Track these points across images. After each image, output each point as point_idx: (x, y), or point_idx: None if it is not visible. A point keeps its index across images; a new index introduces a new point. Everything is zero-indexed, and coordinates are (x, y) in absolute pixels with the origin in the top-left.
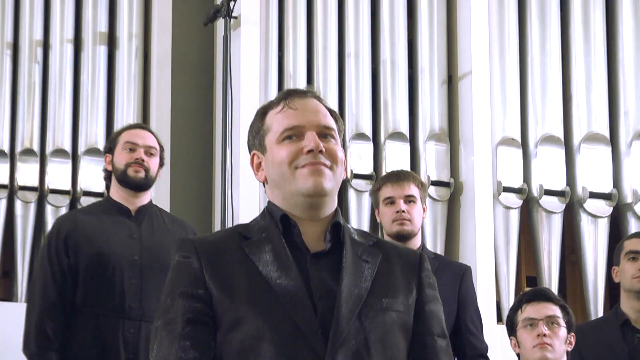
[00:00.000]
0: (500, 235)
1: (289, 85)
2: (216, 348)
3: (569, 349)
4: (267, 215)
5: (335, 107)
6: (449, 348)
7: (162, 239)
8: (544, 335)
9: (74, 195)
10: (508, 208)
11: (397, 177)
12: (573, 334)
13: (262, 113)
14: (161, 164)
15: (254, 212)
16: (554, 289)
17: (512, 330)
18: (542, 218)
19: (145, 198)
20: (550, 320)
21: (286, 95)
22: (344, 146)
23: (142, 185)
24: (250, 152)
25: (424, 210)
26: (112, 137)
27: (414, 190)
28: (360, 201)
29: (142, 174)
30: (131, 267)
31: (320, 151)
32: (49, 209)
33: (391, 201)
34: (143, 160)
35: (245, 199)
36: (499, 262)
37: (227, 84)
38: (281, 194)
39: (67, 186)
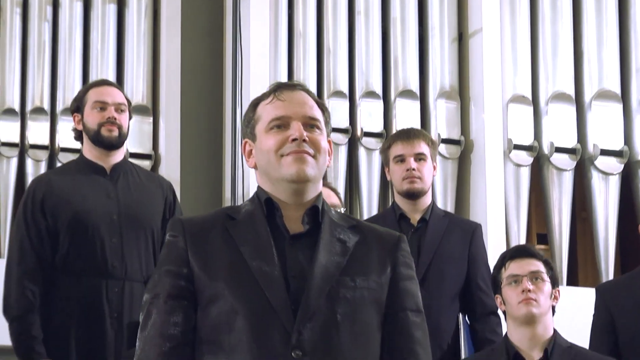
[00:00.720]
0: (511, 193)
1: (298, 44)
2: (196, 321)
3: (555, 304)
4: (255, 198)
5: (345, 65)
6: (424, 323)
7: (139, 196)
8: (529, 290)
9: None
10: (518, 166)
11: (407, 135)
12: (558, 288)
13: (255, 104)
14: (130, 117)
15: None
16: (565, 247)
17: (497, 289)
18: (553, 175)
19: (119, 155)
20: (534, 276)
21: (276, 88)
22: (353, 104)
23: (116, 143)
24: (242, 140)
25: (434, 168)
26: (78, 96)
27: (424, 148)
28: (371, 159)
29: (115, 133)
30: (110, 226)
31: (305, 140)
32: None
33: (401, 159)
34: (115, 119)
35: None
36: (509, 219)
37: (237, 42)
38: (268, 179)
39: (78, 144)
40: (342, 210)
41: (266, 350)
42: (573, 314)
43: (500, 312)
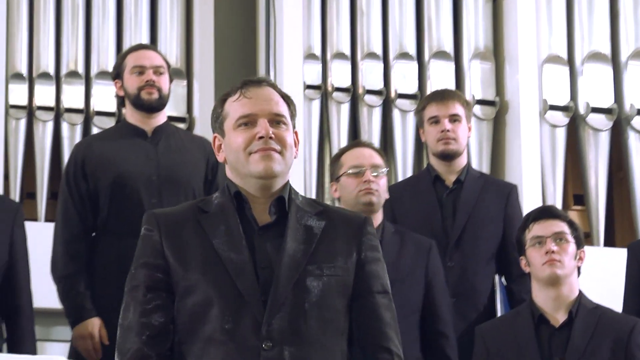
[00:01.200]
0: (547, 154)
1: (332, 6)
2: (174, 312)
3: (580, 265)
4: (225, 191)
5: (378, 27)
6: (391, 303)
7: (180, 157)
8: (553, 251)
9: (119, 117)
10: (554, 126)
11: (442, 96)
12: (583, 249)
13: (222, 100)
14: (171, 80)
15: (298, 129)
16: (601, 207)
17: (521, 250)
18: (589, 136)
19: (160, 118)
20: (558, 237)
21: (242, 85)
22: (387, 66)
23: (157, 106)
24: (213, 134)
25: (469, 129)
26: (117, 63)
27: (458, 109)
28: (405, 121)
29: (155, 95)
30: (149, 187)
31: (271, 137)
32: (94, 131)
33: (436, 120)
34: (154, 82)
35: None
36: (545, 180)
37: (270, 4)
38: (237, 174)
39: (113, 108)
40: (386, 170)
41: (238, 341)
42: (610, 275)
43: None
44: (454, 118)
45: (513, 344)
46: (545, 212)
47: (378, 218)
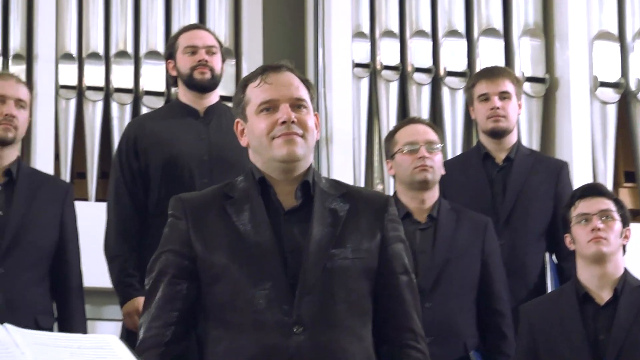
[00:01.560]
0: (597, 131)
1: None
2: (200, 299)
3: (625, 243)
4: (249, 175)
5: (427, 4)
6: (412, 282)
7: (231, 137)
8: (599, 229)
9: (168, 96)
10: (605, 103)
11: (492, 73)
12: (629, 227)
13: (243, 85)
14: (223, 59)
15: (347, 108)
16: None
17: (566, 228)
18: None
19: (213, 98)
20: (604, 215)
21: (262, 71)
22: (436, 44)
23: (209, 86)
24: (235, 119)
25: (519, 106)
26: (170, 43)
27: (508, 86)
28: (454, 99)
29: (207, 75)
30: (200, 167)
31: (293, 121)
32: (144, 111)
33: (486, 98)
34: (206, 61)
35: (338, 98)
36: (596, 157)
37: None
38: (261, 158)
39: (162, 88)
40: (440, 146)
41: (269, 326)
42: None
43: None
44: (504, 95)
45: (558, 322)
46: (591, 190)
47: (434, 195)
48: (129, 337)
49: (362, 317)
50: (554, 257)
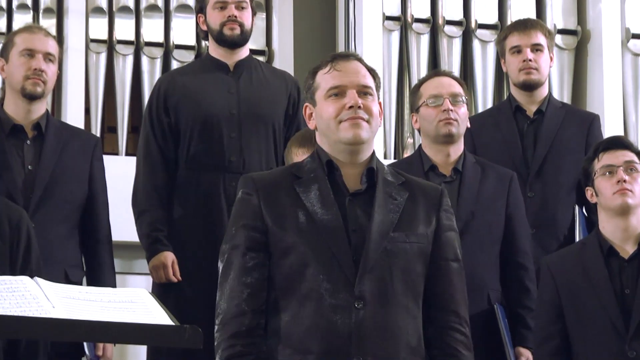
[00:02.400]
0: (629, 83)
1: None
2: (270, 271)
3: None
4: (316, 157)
5: None
6: (461, 270)
7: (261, 91)
8: (624, 180)
9: (198, 50)
10: (637, 55)
11: (524, 25)
12: None
13: (313, 72)
14: (254, 13)
15: (377, 61)
16: None
17: (588, 180)
18: None
19: (243, 52)
20: (629, 167)
21: (332, 59)
22: None
23: (239, 41)
24: (303, 105)
25: (551, 59)
26: None
27: (541, 38)
28: (485, 52)
29: (237, 31)
30: (229, 121)
31: (359, 107)
32: (174, 65)
33: (518, 50)
34: (236, 17)
35: (368, 52)
36: (627, 110)
37: None
38: (327, 141)
39: (192, 41)
40: (465, 98)
41: (333, 299)
42: None
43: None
44: (536, 48)
45: (583, 276)
46: (615, 142)
47: (459, 148)
48: (160, 291)
49: (416, 298)
50: (584, 209)
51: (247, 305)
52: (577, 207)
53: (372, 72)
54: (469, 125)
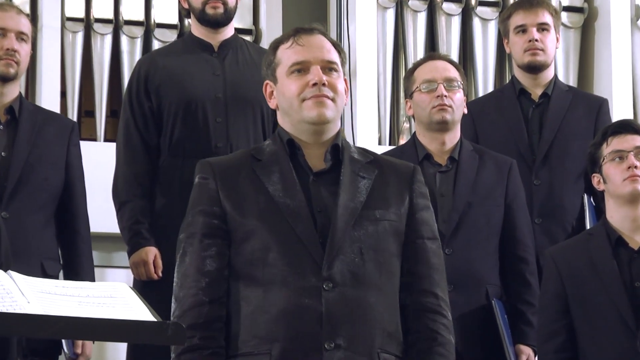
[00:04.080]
0: (639, 64)
1: None
2: (230, 258)
3: None
4: (277, 138)
5: None
6: (439, 249)
7: (248, 72)
8: (635, 167)
9: (181, 29)
10: None
11: (530, 3)
12: None
13: (274, 47)
14: None
15: (372, 41)
16: None
17: (594, 167)
18: None
19: (228, 32)
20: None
21: (295, 32)
22: None
23: (222, 21)
24: (263, 82)
25: (557, 39)
26: None
27: (547, 17)
28: (486, 30)
29: (220, 10)
30: (215, 105)
31: (324, 84)
32: (155, 45)
33: (523, 29)
34: None
35: (362, 30)
36: (637, 93)
37: None
38: (290, 120)
39: (175, 20)
40: (461, 83)
41: (299, 283)
42: None
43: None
44: (543, 27)
45: (590, 268)
46: (625, 126)
47: (454, 136)
48: (141, 285)
49: (391, 278)
50: (592, 198)
51: (205, 296)
52: (585, 196)
53: (337, 46)
54: (465, 112)
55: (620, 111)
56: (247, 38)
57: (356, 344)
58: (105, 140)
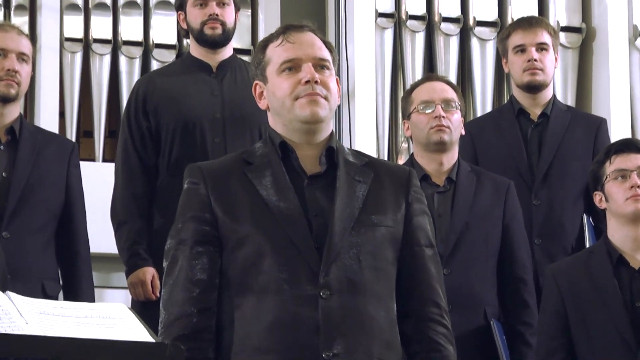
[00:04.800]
0: (637, 84)
1: None
2: (222, 265)
3: None
4: (268, 141)
5: None
6: (436, 256)
7: (246, 92)
8: (638, 186)
9: (180, 49)
10: None
11: (529, 23)
12: None
13: (263, 46)
14: (237, 9)
15: (370, 61)
16: None
17: (597, 185)
18: None
19: (226, 52)
20: None
21: (285, 30)
22: None
23: (221, 41)
24: (253, 82)
25: (556, 59)
26: None
27: (546, 37)
28: (484, 51)
29: (219, 30)
30: (213, 125)
31: (316, 82)
32: (154, 65)
33: (522, 49)
34: (217, 15)
35: (360, 51)
36: (635, 112)
37: None
38: (281, 121)
39: (173, 40)
40: (459, 104)
41: (295, 290)
42: None
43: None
44: (542, 47)
45: (590, 286)
46: (628, 145)
47: (452, 157)
48: (140, 306)
49: (388, 286)
50: (591, 219)
51: (194, 306)
52: (585, 216)
53: (328, 44)
54: (463, 132)
55: (618, 131)
56: (246, 58)
57: (355, 353)
58: (104, 160)
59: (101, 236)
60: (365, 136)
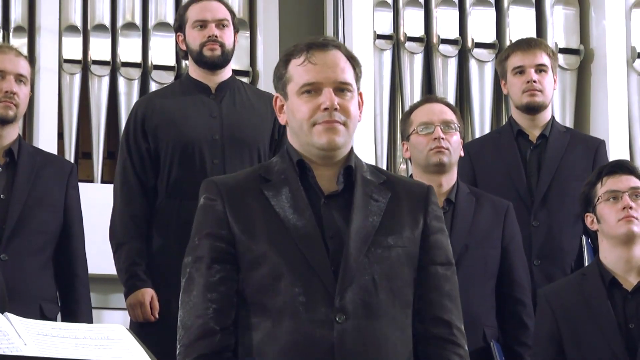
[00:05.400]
0: (635, 106)
1: None
2: (238, 284)
3: None
4: (286, 156)
5: None
6: (453, 275)
7: (245, 115)
8: (630, 207)
9: (178, 71)
10: None
11: (528, 44)
12: None
13: (286, 60)
14: (236, 31)
15: (368, 82)
16: None
17: (588, 206)
18: None
19: (225, 73)
20: (635, 193)
21: (308, 48)
22: (463, 13)
23: (220, 63)
24: (275, 92)
25: (555, 81)
26: (179, 14)
27: (545, 58)
28: (483, 72)
29: (218, 52)
30: (212, 147)
31: (336, 108)
32: (152, 86)
33: (521, 70)
34: (216, 37)
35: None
36: (633, 134)
37: None
38: (299, 141)
39: (172, 62)
40: (458, 126)
41: (311, 314)
42: None
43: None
44: (541, 68)
45: (584, 309)
46: (620, 166)
47: (451, 178)
48: (138, 327)
49: (404, 308)
50: (590, 240)
51: (215, 324)
52: (584, 238)
53: (352, 60)
54: (462, 154)
55: (616, 152)
56: (244, 80)
57: None
58: (103, 181)
59: (100, 257)
60: (364, 157)
